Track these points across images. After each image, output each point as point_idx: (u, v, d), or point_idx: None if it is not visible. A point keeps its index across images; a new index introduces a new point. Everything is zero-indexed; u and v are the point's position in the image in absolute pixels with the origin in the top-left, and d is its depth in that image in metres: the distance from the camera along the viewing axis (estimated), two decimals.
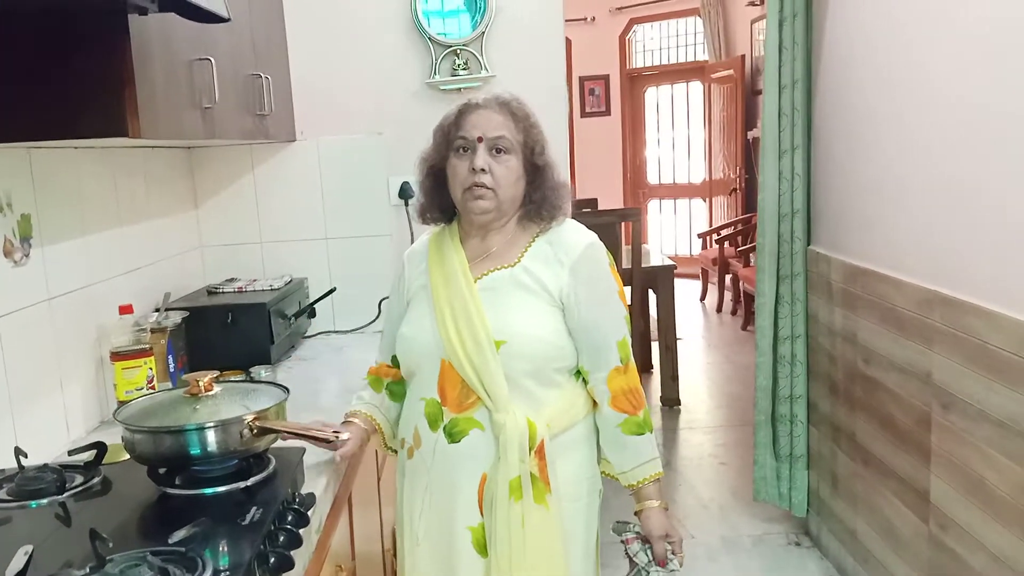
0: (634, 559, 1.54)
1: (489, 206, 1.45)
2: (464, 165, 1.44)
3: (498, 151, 1.44)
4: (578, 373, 1.53)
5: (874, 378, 2.35)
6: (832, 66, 2.54)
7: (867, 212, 2.37)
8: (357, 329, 2.70)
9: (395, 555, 2.31)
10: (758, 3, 6.35)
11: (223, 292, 2.42)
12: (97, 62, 1.36)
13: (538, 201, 1.49)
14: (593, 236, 1.54)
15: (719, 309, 6.61)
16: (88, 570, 0.96)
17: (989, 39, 1.76)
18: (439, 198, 1.55)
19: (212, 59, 1.75)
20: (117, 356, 1.86)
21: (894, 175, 2.21)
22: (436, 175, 1.53)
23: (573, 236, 1.51)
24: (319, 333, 2.70)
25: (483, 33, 2.59)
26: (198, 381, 1.37)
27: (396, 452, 1.64)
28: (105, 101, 1.37)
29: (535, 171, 1.48)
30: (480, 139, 1.44)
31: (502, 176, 1.44)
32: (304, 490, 1.40)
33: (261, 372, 2.16)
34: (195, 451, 1.28)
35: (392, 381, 1.65)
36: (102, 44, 1.36)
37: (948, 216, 1.95)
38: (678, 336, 4.55)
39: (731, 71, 6.81)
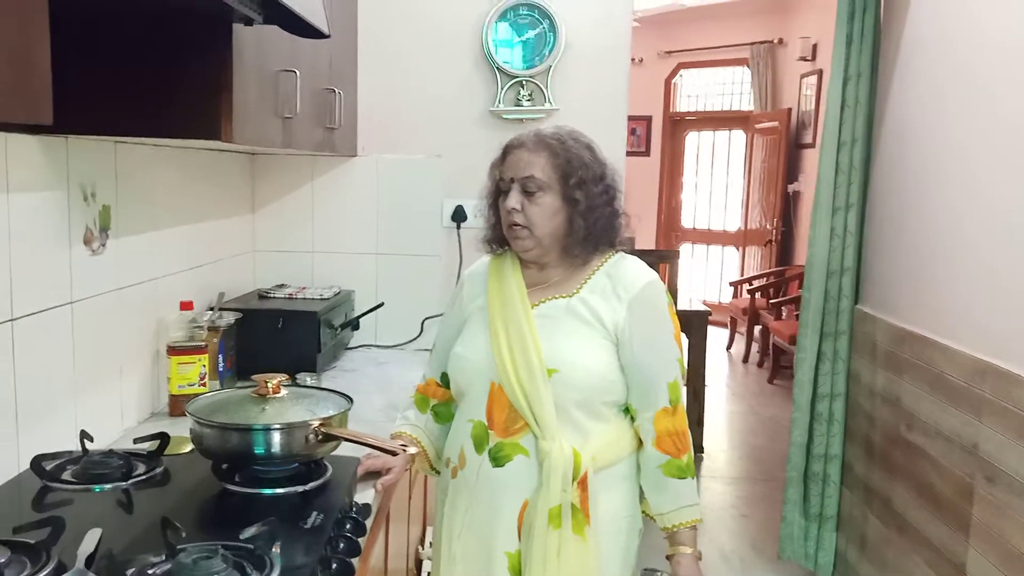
0: None
1: (528, 244, 1.48)
2: (505, 205, 1.48)
3: (530, 191, 1.46)
4: (627, 410, 1.54)
5: (916, 444, 2.33)
6: (894, 126, 2.56)
7: (920, 275, 2.36)
8: (399, 345, 2.73)
9: (417, 573, 2.32)
10: (809, 59, 6.40)
11: (274, 297, 2.46)
12: (199, 67, 1.42)
13: (578, 234, 1.48)
14: (654, 275, 1.54)
15: (745, 359, 6.58)
16: (164, 558, 0.98)
17: None
18: (500, 231, 1.57)
19: (297, 71, 1.80)
20: (174, 350, 1.90)
21: (951, 240, 2.21)
22: (495, 209, 1.57)
23: (634, 272, 1.52)
24: (360, 346, 2.72)
25: (550, 67, 2.63)
26: (267, 382, 1.39)
27: (439, 473, 1.65)
28: (202, 104, 1.42)
29: (573, 205, 1.47)
30: (512, 180, 1.47)
31: (535, 215, 1.46)
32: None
33: (307, 379, 2.18)
34: (259, 451, 1.30)
35: (438, 403, 1.66)
36: (206, 50, 1.41)
37: (1004, 286, 1.95)
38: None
39: (776, 123, 6.84)
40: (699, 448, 4.45)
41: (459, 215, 2.69)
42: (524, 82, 2.66)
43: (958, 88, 2.22)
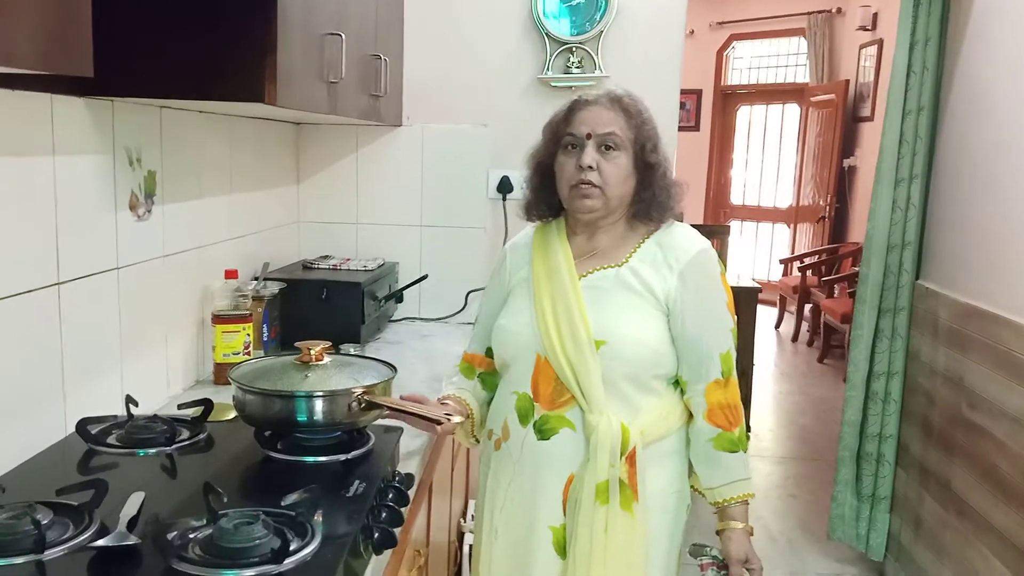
0: None
1: (595, 204, 1.42)
2: (572, 162, 1.42)
3: (607, 148, 1.40)
4: (677, 383, 1.48)
5: (979, 425, 2.22)
6: (965, 95, 2.42)
7: (988, 249, 2.25)
8: (442, 318, 2.70)
9: (459, 547, 2.31)
10: (869, 28, 6.16)
11: (318, 268, 2.45)
12: (244, 27, 1.39)
13: (647, 200, 1.44)
14: (706, 242, 1.48)
15: (794, 338, 6.43)
16: (205, 522, 0.97)
17: None
18: (546, 195, 1.52)
19: (343, 35, 1.77)
20: (219, 319, 1.90)
21: None
22: (544, 172, 1.51)
23: (685, 240, 1.47)
24: (404, 319, 2.71)
25: (601, 32, 2.56)
26: (310, 349, 1.37)
27: (478, 442, 1.61)
28: (247, 66, 1.40)
29: (646, 169, 1.43)
30: (589, 136, 1.40)
31: (611, 174, 1.40)
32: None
33: (350, 350, 2.16)
34: (302, 418, 1.29)
35: (484, 371, 1.62)
36: (252, 9, 1.38)
37: None
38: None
39: (832, 95, 6.61)
40: (746, 427, 4.36)
41: (505, 186, 2.65)
42: (574, 48, 2.59)
43: None
